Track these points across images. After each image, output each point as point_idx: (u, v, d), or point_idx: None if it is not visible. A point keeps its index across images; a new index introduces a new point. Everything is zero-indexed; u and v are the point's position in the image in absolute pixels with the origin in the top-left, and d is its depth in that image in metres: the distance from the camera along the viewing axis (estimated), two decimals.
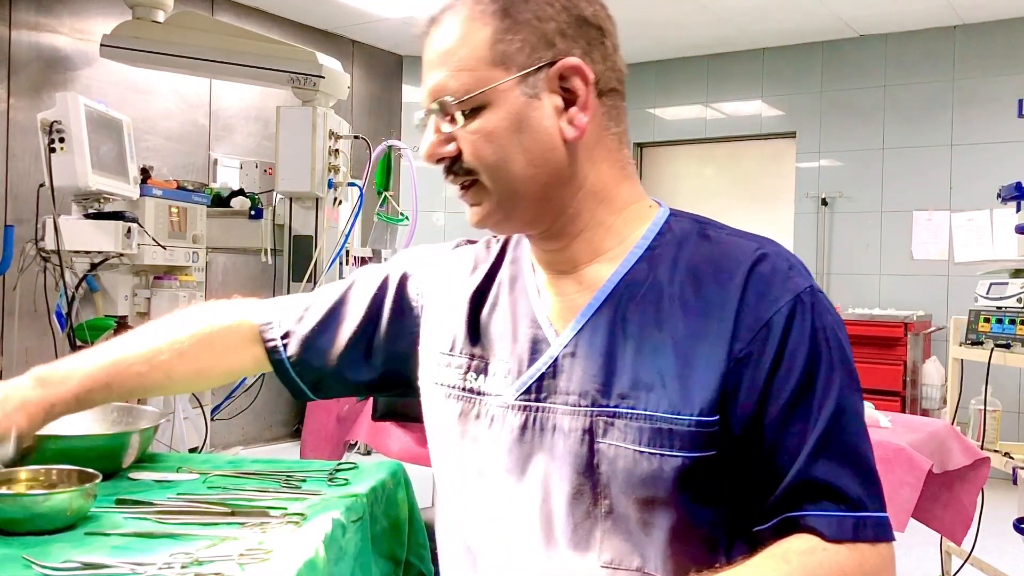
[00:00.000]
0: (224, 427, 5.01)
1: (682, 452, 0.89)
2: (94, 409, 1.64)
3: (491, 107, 0.94)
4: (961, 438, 2.54)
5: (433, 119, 0.98)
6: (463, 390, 1.04)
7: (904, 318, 5.16)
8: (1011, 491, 3.33)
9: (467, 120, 0.95)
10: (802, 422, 0.88)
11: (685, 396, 0.90)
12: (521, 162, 0.95)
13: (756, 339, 0.89)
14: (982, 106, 5.50)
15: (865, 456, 0.90)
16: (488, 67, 0.94)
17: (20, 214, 4.18)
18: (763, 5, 5.27)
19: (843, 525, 0.86)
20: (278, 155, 4.10)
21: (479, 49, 0.94)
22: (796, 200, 6.14)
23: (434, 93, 0.97)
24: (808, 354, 0.89)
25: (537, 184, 0.96)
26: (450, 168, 0.99)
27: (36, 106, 4.16)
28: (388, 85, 6.77)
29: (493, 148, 0.95)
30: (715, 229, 0.99)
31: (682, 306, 0.93)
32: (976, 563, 3.02)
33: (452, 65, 0.95)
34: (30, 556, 1.04)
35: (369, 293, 1.18)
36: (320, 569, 1.11)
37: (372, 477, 1.50)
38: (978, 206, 3.64)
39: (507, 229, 1.04)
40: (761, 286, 0.91)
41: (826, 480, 0.87)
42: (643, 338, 0.93)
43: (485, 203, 0.99)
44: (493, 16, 0.94)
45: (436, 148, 0.98)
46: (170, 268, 3.42)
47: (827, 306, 0.93)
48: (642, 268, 0.97)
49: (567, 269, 1.01)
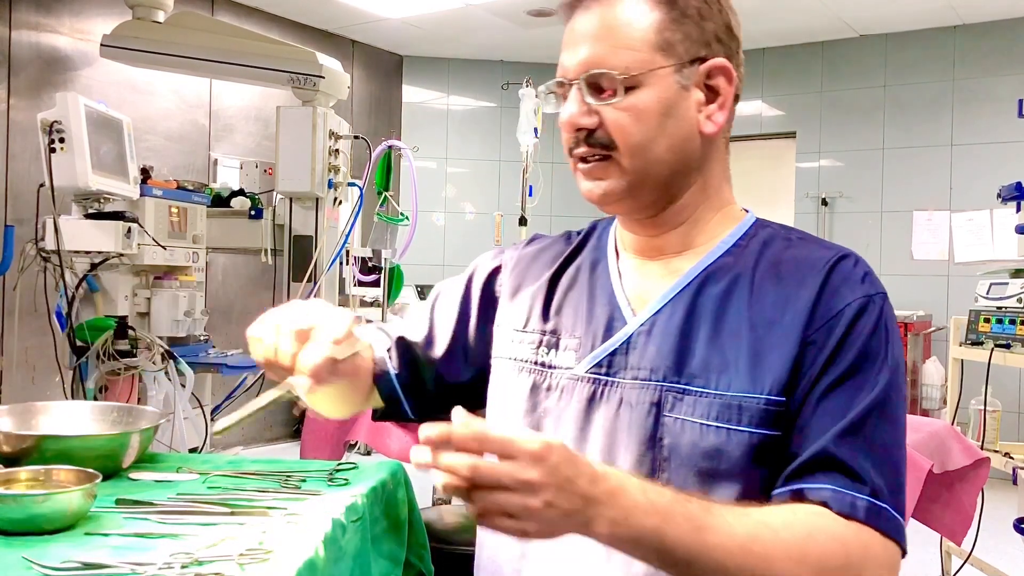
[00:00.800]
0: None
1: (750, 427, 0.93)
2: (94, 409, 1.65)
3: (645, 88, 0.98)
4: (961, 438, 2.54)
5: (576, 89, 0.99)
6: (535, 363, 1.07)
7: (904, 318, 5.16)
8: (1011, 491, 3.33)
9: (623, 95, 0.98)
10: (840, 404, 0.92)
11: (756, 378, 0.94)
12: (662, 146, 0.99)
13: (825, 327, 0.94)
14: (982, 106, 5.50)
15: (894, 459, 0.92)
16: (651, 50, 0.98)
17: (20, 214, 4.18)
18: (763, 5, 5.27)
19: (856, 505, 0.87)
20: (278, 155, 4.10)
21: (646, 31, 0.98)
22: (796, 200, 6.15)
23: (588, 64, 0.98)
24: (865, 345, 0.93)
25: (668, 170, 1.01)
26: (586, 139, 1.00)
27: (36, 106, 4.16)
28: (388, 85, 6.77)
29: (640, 128, 0.98)
30: (801, 235, 1.05)
31: (760, 297, 0.98)
32: (976, 563, 3.02)
33: (615, 41, 0.98)
34: (30, 556, 1.04)
35: (457, 295, 1.20)
36: (320, 569, 1.11)
37: (372, 477, 1.50)
38: (978, 206, 3.64)
39: (622, 208, 1.04)
40: (838, 282, 0.96)
41: (845, 460, 0.89)
42: (719, 323, 0.98)
43: (612, 180, 1.00)
44: (660, 4, 0.99)
45: (579, 118, 0.99)
46: (170, 268, 3.42)
47: (893, 316, 0.99)
48: (726, 261, 1.02)
49: (655, 256, 1.06)
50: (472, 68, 6.83)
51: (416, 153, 5.35)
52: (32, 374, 4.36)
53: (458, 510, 2.16)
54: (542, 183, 5.19)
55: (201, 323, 3.52)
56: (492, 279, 1.19)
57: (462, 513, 2.14)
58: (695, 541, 0.80)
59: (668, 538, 0.79)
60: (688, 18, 0.99)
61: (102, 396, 2.97)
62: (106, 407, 1.66)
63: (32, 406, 1.60)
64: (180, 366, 3.12)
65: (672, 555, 0.80)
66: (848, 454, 0.89)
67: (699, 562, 0.80)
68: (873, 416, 0.91)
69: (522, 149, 4.90)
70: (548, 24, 5.83)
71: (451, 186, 6.86)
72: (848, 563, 0.85)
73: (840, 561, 0.84)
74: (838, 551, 0.85)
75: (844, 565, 0.84)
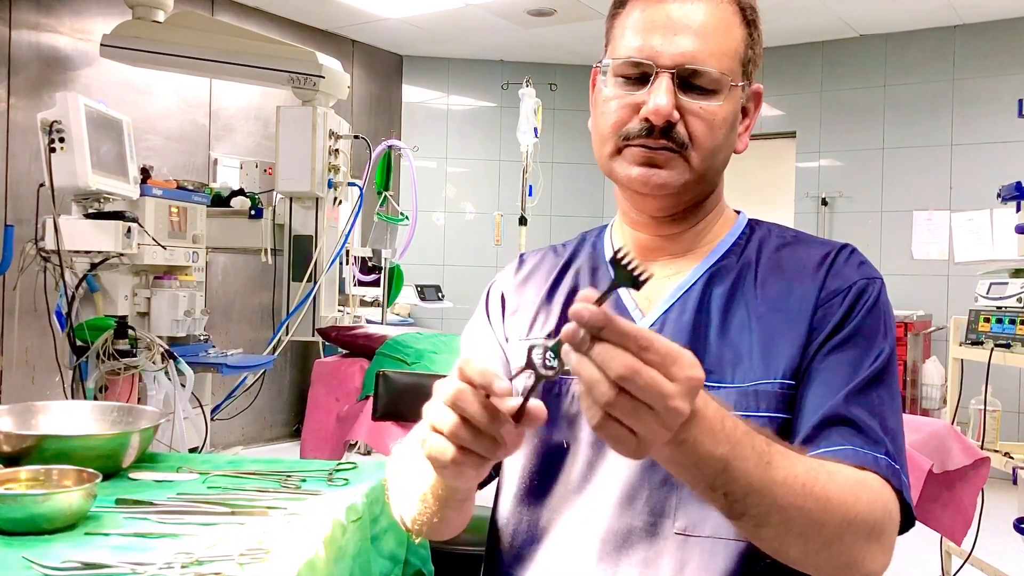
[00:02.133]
0: (224, 427, 5.01)
1: (768, 412, 0.94)
2: (94, 409, 1.65)
3: (724, 97, 0.99)
4: (961, 438, 2.54)
5: (669, 79, 0.96)
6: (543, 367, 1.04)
7: (904, 318, 5.16)
8: (1011, 491, 3.33)
9: (709, 98, 0.98)
10: (845, 371, 0.93)
11: (770, 365, 0.95)
12: (724, 155, 1.03)
13: (830, 304, 0.97)
14: (982, 106, 5.50)
15: (897, 426, 0.93)
16: (738, 63, 1.00)
17: (20, 214, 4.18)
18: (763, 5, 5.25)
19: (878, 461, 0.88)
20: (278, 155, 4.10)
21: (736, 43, 1.00)
22: (796, 200, 6.15)
23: (689, 58, 0.96)
24: (865, 320, 0.96)
25: (717, 176, 1.05)
26: (665, 132, 0.97)
27: (36, 106, 4.16)
28: (388, 85, 6.76)
29: (717, 134, 0.99)
30: (795, 234, 1.08)
31: (765, 290, 1.00)
32: (976, 563, 3.02)
33: (717, 44, 0.98)
34: (30, 556, 1.04)
35: (484, 325, 1.17)
36: (320, 569, 1.11)
37: (372, 477, 1.50)
38: (978, 206, 3.64)
39: (667, 203, 1.03)
40: (840, 267, 1.00)
41: (858, 420, 0.90)
42: (728, 319, 0.99)
43: (675, 173, 0.99)
44: (743, 23, 1.02)
45: (671, 111, 0.96)
46: (170, 268, 3.42)
47: (889, 301, 1.02)
48: (729, 259, 1.05)
49: (657, 257, 1.07)
50: (472, 68, 6.83)
51: (416, 153, 5.36)
52: (32, 374, 4.36)
53: None
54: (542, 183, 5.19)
55: (201, 323, 3.52)
56: (498, 302, 1.18)
57: None
58: (760, 475, 0.76)
59: (733, 468, 0.75)
60: (756, 42, 1.03)
61: (102, 396, 2.97)
62: (106, 407, 1.66)
63: (32, 406, 1.60)
64: (180, 366, 3.12)
65: (732, 484, 0.76)
66: (860, 415, 0.91)
67: (758, 494, 0.77)
68: (876, 384, 0.93)
69: (522, 149, 4.91)
70: (548, 24, 5.83)
71: (451, 186, 6.86)
72: (885, 516, 0.85)
73: (880, 513, 0.85)
74: (879, 504, 0.85)
75: (882, 518, 0.85)
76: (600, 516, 0.98)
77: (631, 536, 0.96)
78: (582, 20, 5.65)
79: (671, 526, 0.95)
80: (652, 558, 0.95)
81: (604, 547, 0.97)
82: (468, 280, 6.51)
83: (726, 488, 0.76)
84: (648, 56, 0.97)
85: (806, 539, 0.81)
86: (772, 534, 0.80)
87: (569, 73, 6.47)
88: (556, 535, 1.01)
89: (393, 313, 5.72)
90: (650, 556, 0.95)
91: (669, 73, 0.96)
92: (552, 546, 1.01)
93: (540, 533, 1.03)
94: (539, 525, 1.03)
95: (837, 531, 0.81)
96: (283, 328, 4.21)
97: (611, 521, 0.97)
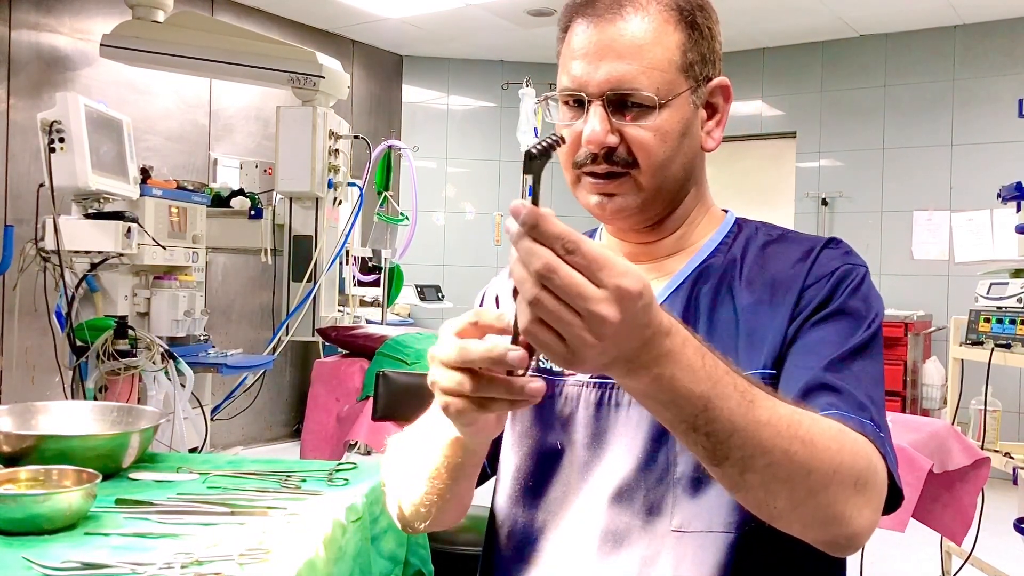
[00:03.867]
0: (224, 427, 5.01)
1: None
2: (94, 409, 1.65)
3: (668, 109, 0.98)
4: (961, 438, 2.54)
5: (600, 106, 0.97)
6: (536, 370, 1.05)
7: (904, 318, 5.16)
8: (1011, 491, 3.33)
9: (647, 115, 0.97)
10: (828, 343, 0.93)
11: (753, 358, 0.95)
12: (678, 164, 1.01)
13: (814, 287, 0.98)
14: (982, 106, 5.50)
15: (880, 398, 0.93)
16: (676, 71, 0.98)
17: (20, 214, 4.18)
18: (763, 5, 5.27)
19: (864, 424, 0.87)
20: (278, 155, 4.10)
21: (671, 52, 0.98)
22: (796, 200, 6.14)
23: (615, 83, 0.96)
24: (849, 299, 0.96)
25: (677, 185, 1.03)
26: (605, 157, 0.98)
27: (36, 106, 4.16)
28: (388, 85, 6.77)
29: (664, 148, 0.98)
30: (782, 231, 1.08)
31: (749, 283, 1.01)
32: (976, 563, 3.02)
33: (643, 61, 0.96)
34: (30, 556, 1.04)
35: None
36: (320, 569, 1.11)
37: (372, 477, 1.50)
38: (978, 206, 3.64)
39: (630, 222, 1.04)
40: (827, 257, 1.01)
41: (841, 388, 0.90)
42: (713, 315, 1.00)
43: (627, 196, 1.00)
44: (681, 24, 0.99)
45: (605, 137, 0.97)
46: (170, 268, 3.42)
47: (874, 287, 1.01)
48: (715, 258, 1.05)
49: (644, 260, 1.07)
50: (472, 68, 6.83)
51: (416, 153, 5.35)
52: (32, 374, 4.36)
53: None
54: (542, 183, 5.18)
55: (201, 323, 3.52)
56: (496, 304, 1.17)
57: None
58: (743, 414, 0.74)
59: (714, 406, 0.73)
60: (703, 38, 1.01)
61: (102, 396, 2.97)
62: (106, 407, 1.66)
63: (32, 406, 1.60)
64: (180, 366, 3.12)
65: (714, 424, 0.74)
66: (843, 383, 0.90)
67: (742, 434, 0.75)
68: (859, 356, 0.93)
69: (522, 149, 4.90)
70: (548, 24, 5.82)
71: (451, 186, 6.86)
72: (869, 467, 0.83)
73: (864, 464, 0.83)
74: (863, 454, 0.84)
75: (867, 468, 0.83)
76: (596, 516, 0.98)
77: (629, 535, 0.96)
78: None
79: (668, 524, 0.95)
80: (650, 556, 0.95)
81: (602, 547, 0.97)
82: (468, 280, 6.51)
83: (708, 428, 0.74)
84: (579, 86, 0.97)
85: (792, 486, 0.78)
86: (758, 481, 0.78)
87: None
88: (554, 535, 1.02)
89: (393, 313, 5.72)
90: (648, 555, 0.95)
91: (600, 100, 0.96)
92: (550, 546, 1.01)
93: (537, 533, 1.03)
94: (536, 526, 1.03)
95: (823, 479, 0.79)
96: (283, 328, 4.21)
97: (608, 521, 0.97)
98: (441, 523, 1.02)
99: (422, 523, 1.00)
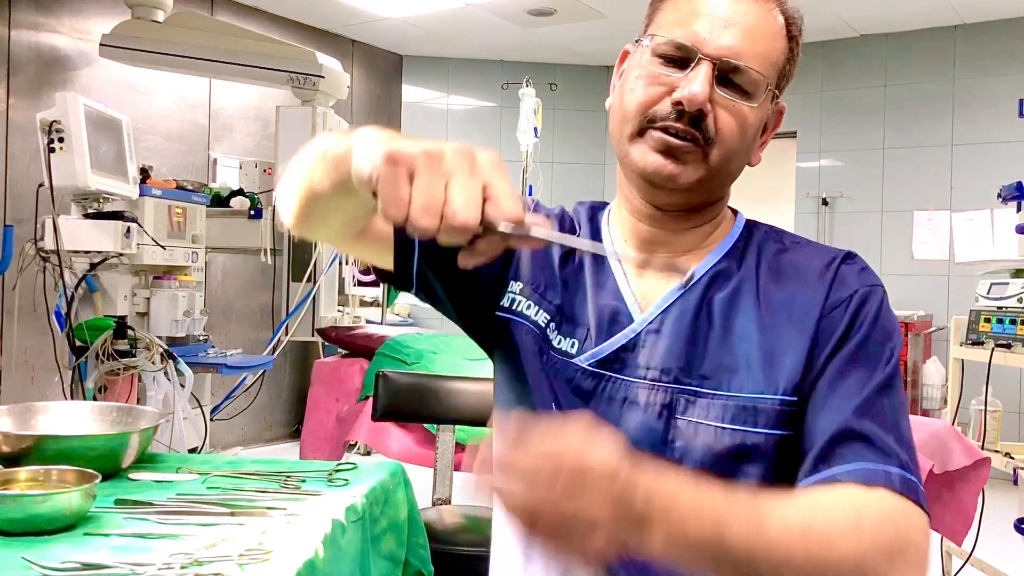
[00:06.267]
0: (223, 427, 5.00)
1: (766, 429, 0.93)
2: (94, 409, 1.64)
3: (756, 102, 0.98)
4: (962, 438, 2.54)
5: (709, 68, 0.94)
6: (545, 343, 1.03)
7: (905, 318, 5.16)
8: (1012, 491, 3.33)
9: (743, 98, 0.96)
10: (853, 384, 0.92)
11: (770, 378, 0.94)
12: (741, 160, 1.01)
13: (833, 314, 0.96)
14: (982, 106, 5.49)
15: (908, 434, 0.93)
16: (775, 72, 1.00)
17: (19, 214, 4.18)
18: None
19: (890, 475, 0.87)
20: (278, 155, 4.10)
21: (777, 52, 0.99)
22: (797, 200, 6.14)
23: (734, 52, 0.95)
24: (871, 329, 0.95)
25: (730, 181, 1.03)
26: (691, 120, 0.95)
27: (35, 106, 4.16)
28: (388, 85, 6.76)
29: (742, 137, 0.98)
30: (794, 239, 1.06)
31: (766, 300, 0.99)
32: (977, 563, 3.01)
33: (759, 45, 0.97)
34: (30, 556, 1.04)
35: None
36: (319, 569, 1.11)
37: (372, 477, 1.50)
38: (979, 206, 3.64)
39: (679, 197, 1.01)
40: (847, 275, 0.99)
41: (869, 435, 0.89)
42: (728, 326, 0.98)
43: (692, 168, 0.97)
44: (785, 35, 1.01)
45: (705, 100, 0.94)
46: (169, 268, 3.42)
47: (890, 307, 1.01)
48: (729, 263, 1.02)
49: (663, 252, 1.05)
50: (472, 68, 6.83)
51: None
52: (31, 374, 4.35)
53: (458, 510, 2.16)
54: (542, 183, 5.19)
55: (200, 323, 3.52)
56: None
57: (462, 513, 2.14)
58: (756, 538, 0.77)
59: (727, 541, 0.76)
60: (793, 58, 1.03)
61: (101, 396, 2.97)
62: (105, 407, 1.65)
63: (31, 406, 1.60)
64: (179, 366, 3.12)
65: (732, 555, 0.77)
66: (871, 428, 0.90)
67: (760, 558, 0.77)
68: (885, 393, 0.92)
69: (522, 149, 4.90)
70: (548, 24, 5.82)
71: None
72: (897, 533, 0.83)
73: (891, 532, 0.83)
74: (888, 523, 0.84)
75: (895, 535, 0.83)
76: None
77: None
78: (582, 20, 5.65)
79: None
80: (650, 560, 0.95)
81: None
82: None
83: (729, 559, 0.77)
84: (693, 41, 0.95)
85: None
86: None
87: (569, 73, 6.47)
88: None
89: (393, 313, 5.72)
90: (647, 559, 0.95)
91: (711, 62, 0.94)
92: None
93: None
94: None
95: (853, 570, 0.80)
96: (283, 328, 4.21)
97: None
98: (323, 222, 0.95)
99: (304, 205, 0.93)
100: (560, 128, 6.51)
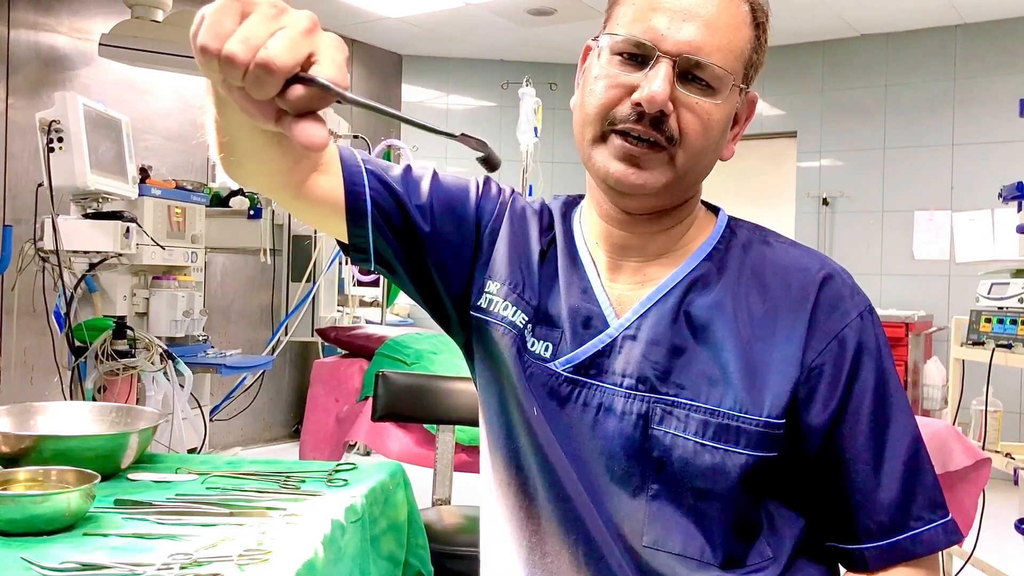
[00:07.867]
0: (223, 428, 5.00)
1: (747, 450, 0.91)
2: (93, 409, 1.64)
3: (722, 98, 0.93)
4: (962, 438, 2.54)
5: (669, 67, 0.90)
6: (521, 345, 1.01)
7: (905, 318, 5.15)
8: (1012, 492, 3.33)
9: (707, 95, 0.92)
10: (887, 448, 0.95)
11: (754, 397, 0.92)
12: (710, 158, 0.97)
13: (828, 350, 0.93)
14: (983, 106, 5.49)
15: (934, 477, 0.99)
16: (741, 64, 0.95)
17: (19, 214, 4.17)
18: None
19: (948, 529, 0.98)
20: None
21: (742, 43, 0.94)
22: (797, 200, 6.14)
23: (695, 48, 0.90)
24: (878, 373, 0.95)
25: (699, 179, 0.99)
26: (655, 124, 0.91)
27: (35, 106, 4.15)
28: (388, 85, 6.76)
29: (708, 134, 0.93)
30: (774, 238, 1.03)
31: (748, 309, 0.96)
32: (977, 564, 3.01)
33: (721, 38, 0.91)
34: (29, 556, 1.04)
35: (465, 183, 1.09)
36: (319, 569, 1.11)
37: (371, 478, 1.49)
38: (979, 206, 3.63)
39: (646, 203, 0.97)
40: (832, 299, 0.95)
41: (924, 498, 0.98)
42: (707, 335, 0.95)
43: (656, 173, 0.93)
44: (752, 24, 0.96)
45: (666, 100, 0.89)
46: (169, 268, 3.41)
47: (880, 323, 0.99)
48: (708, 267, 0.99)
49: (628, 256, 1.01)
50: (472, 68, 6.83)
51: (416, 152, 5.35)
52: (31, 374, 4.35)
53: (458, 511, 2.15)
54: (542, 182, 5.18)
55: (200, 323, 3.52)
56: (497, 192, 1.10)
57: (462, 514, 2.13)
58: None
59: None
60: (761, 47, 0.97)
61: (101, 396, 2.96)
62: (105, 407, 1.65)
63: (31, 406, 1.60)
64: (179, 366, 3.12)
65: None
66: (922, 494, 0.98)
67: None
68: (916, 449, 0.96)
69: (522, 149, 4.90)
70: (548, 24, 5.82)
71: None
72: None
73: None
74: None
75: None
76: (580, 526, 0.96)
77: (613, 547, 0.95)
78: (582, 19, 5.65)
79: (640, 538, 0.94)
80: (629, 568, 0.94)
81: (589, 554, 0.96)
82: None
83: None
84: (651, 38, 0.90)
85: None
86: None
87: (569, 73, 6.44)
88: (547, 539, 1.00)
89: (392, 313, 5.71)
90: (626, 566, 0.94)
91: (670, 60, 0.89)
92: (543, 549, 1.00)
93: (530, 535, 1.01)
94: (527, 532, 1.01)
95: None
96: (282, 328, 4.21)
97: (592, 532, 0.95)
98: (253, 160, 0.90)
99: None
100: (560, 128, 6.51)
